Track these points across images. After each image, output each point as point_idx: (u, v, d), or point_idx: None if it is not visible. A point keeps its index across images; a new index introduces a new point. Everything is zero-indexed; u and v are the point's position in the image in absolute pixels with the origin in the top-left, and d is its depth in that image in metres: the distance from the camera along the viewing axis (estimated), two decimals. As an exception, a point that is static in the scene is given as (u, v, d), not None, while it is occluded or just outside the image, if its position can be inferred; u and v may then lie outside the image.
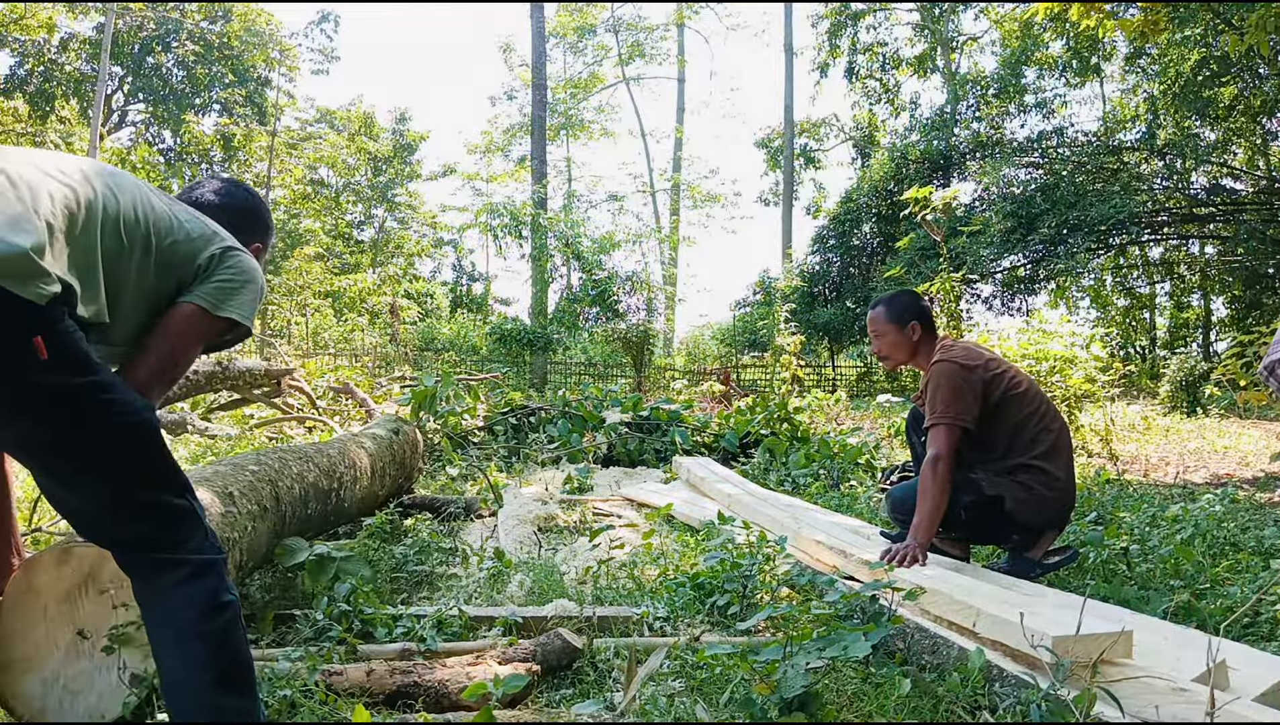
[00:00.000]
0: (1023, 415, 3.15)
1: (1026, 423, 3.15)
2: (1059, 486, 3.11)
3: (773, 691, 1.92)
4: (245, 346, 20.51)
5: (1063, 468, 3.14)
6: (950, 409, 3.06)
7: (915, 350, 3.32)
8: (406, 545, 3.57)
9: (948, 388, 3.09)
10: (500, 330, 21.18)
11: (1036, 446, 3.13)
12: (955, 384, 3.09)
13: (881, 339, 3.36)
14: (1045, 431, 3.15)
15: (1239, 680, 2.05)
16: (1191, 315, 24.43)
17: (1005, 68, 23.34)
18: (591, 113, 36.83)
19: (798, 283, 22.37)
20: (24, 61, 28.06)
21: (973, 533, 3.30)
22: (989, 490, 3.12)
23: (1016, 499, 3.09)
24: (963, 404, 3.07)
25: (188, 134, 28.85)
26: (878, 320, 3.37)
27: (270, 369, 9.58)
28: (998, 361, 3.25)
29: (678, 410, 7.52)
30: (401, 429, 4.96)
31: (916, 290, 9.23)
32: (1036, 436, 3.14)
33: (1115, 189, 17.56)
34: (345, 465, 3.76)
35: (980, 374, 3.14)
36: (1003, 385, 3.16)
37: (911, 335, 3.31)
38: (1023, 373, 3.31)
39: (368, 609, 2.65)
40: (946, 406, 3.07)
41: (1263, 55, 15.88)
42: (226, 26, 30.17)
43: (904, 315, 3.32)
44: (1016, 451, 3.14)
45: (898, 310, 3.33)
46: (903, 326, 3.31)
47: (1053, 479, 3.10)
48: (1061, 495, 3.13)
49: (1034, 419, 3.16)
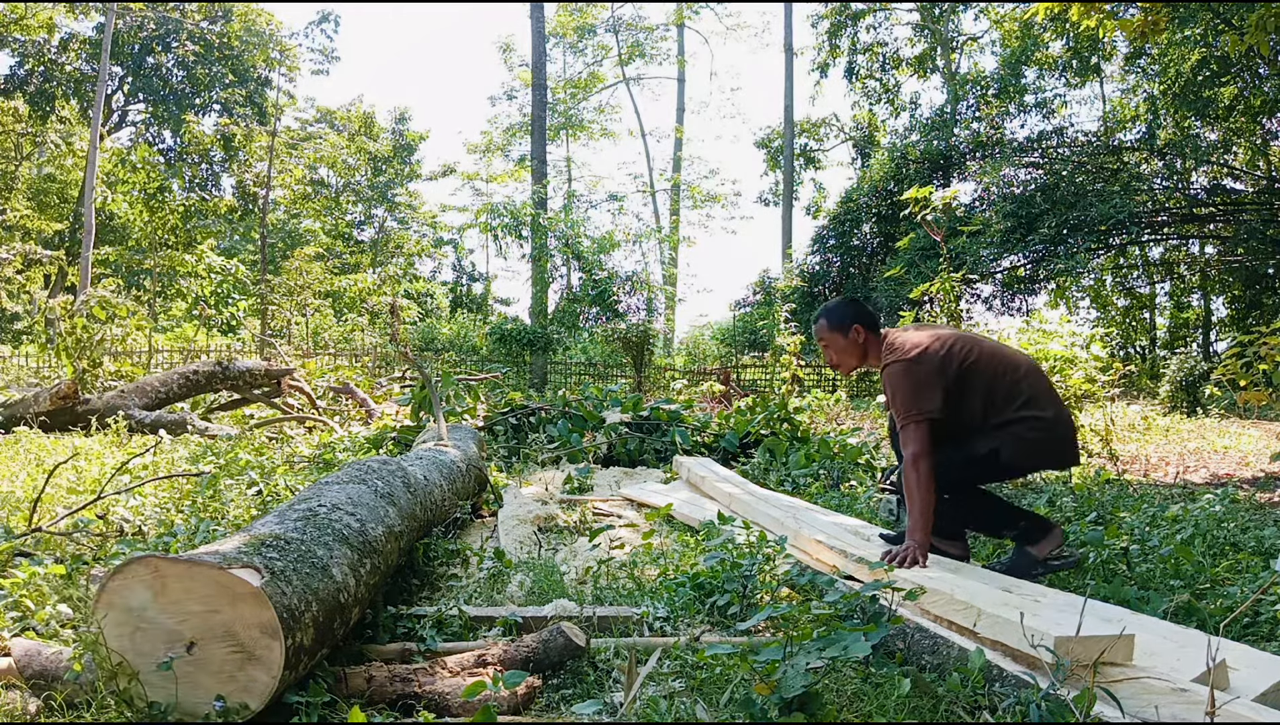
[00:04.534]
0: (986, 381, 3.15)
1: (994, 386, 3.15)
2: (1049, 424, 3.11)
3: (773, 691, 1.91)
4: (245, 346, 20.54)
5: (1049, 407, 3.14)
6: (913, 406, 3.07)
7: (864, 353, 3.35)
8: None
9: (905, 386, 3.11)
10: (500, 330, 21.17)
11: (1014, 401, 3.13)
12: (911, 381, 3.11)
13: (829, 349, 3.40)
14: (1015, 385, 3.14)
15: (1239, 680, 2.05)
16: (1191, 315, 24.43)
17: (1005, 68, 23.34)
18: (591, 113, 36.82)
19: (798, 283, 22.36)
20: (24, 61, 28.06)
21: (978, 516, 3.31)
22: (982, 448, 3.13)
23: (1012, 449, 3.10)
24: (923, 397, 3.08)
25: (188, 134, 28.84)
26: (821, 331, 3.41)
27: (270, 369, 9.59)
28: (941, 340, 3.23)
29: (678, 410, 7.52)
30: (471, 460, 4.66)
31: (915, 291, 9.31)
32: (1009, 394, 3.14)
33: (1115, 189, 17.56)
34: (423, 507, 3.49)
35: (930, 362, 3.14)
36: (955, 363, 3.15)
37: (856, 338, 3.33)
38: (971, 338, 3.31)
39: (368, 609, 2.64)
40: (909, 405, 3.08)
41: (1263, 55, 15.89)
42: (226, 26, 30.16)
43: (844, 322, 3.34)
44: (995, 412, 3.14)
45: (837, 318, 3.37)
46: (845, 332, 3.33)
47: (1042, 421, 3.10)
48: (1055, 433, 3.13)
49: (1000, 380, 3.15)
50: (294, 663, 1.94)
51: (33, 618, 2.52)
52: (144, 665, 1.91)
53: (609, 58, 36.16)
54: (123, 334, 13.66)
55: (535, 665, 2.33)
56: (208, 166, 30.90)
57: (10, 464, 5.62)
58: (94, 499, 3.76)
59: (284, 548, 2.17)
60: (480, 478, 4.73)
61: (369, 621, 2.62)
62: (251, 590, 1.90)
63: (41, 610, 2.54)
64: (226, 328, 25.46)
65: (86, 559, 3.16)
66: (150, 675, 1.90)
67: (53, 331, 16.21)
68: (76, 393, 8.18)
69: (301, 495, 2.80)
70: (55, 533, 3.46)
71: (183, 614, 1.91)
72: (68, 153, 28.75)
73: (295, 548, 2.20)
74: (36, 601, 2.63)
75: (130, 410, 8.01)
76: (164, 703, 1.89)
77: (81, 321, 11.57)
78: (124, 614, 1.93)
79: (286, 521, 2.41)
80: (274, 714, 1.97)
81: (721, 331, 28.04)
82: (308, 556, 2.20)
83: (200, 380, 9.14)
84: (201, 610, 1.90)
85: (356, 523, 2.59)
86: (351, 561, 2.38)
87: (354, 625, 2.43)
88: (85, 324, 11.56)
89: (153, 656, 1.90)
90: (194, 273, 23.95)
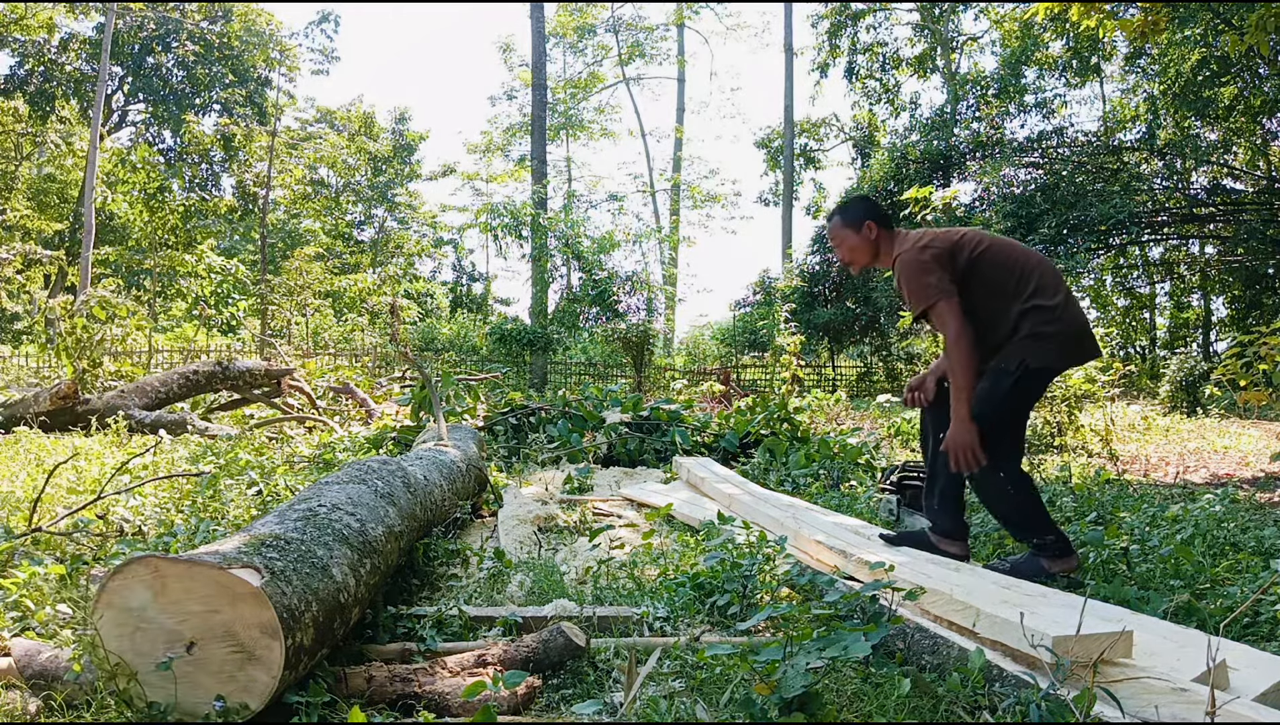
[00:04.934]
0: (1000, 270, 3.19)
1: (1007, 276, 3.18)
2: (1059, 316, 3.11)
3: (773, 691, 1.91)
4: (245, 346, 20.53)
5: (1056, 293, 3.15)
6: (933, 288, 3.12)
7: (876, 250, 3.38)
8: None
9: (917, 273, 3.16)
10: (500, 330, 21.17)
11: (1026, 288, 3.15)
12: (920, 266, 3.16)
13: (841, 246, 3.44)
14: (1028, 273, 3.17)
15: (1239, 680, 2.05)
16: (1191, 315, 24.43)
17: (1005, 68, 23.34)
18: (591, 113, 36.83)
19: (798, 283, 22.35)
20: (24, 61, 28.07)
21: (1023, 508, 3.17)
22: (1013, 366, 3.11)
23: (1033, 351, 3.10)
24: (936, 277, 3.13)
25: (188, 134, 28.84)
26: (835, 228, 3.45)
27: (270, 369, 9.59)
28: (951, 231, 3.29)
29: (678, 410, 7.52)
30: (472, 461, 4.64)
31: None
32: (1021, 280, 3.16)
33: (1115, 189, 17.56)
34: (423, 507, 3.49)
35: (938, 247, 3.19)
36: (966, 251, 3.21)
37: (869, 235, 3.36)
38: (982, 232, 3.35)
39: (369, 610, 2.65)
40: (926, 288, 3.13)
41: (1263, 55, 15.89)
42: (226, 26, 30.18)
43: (858, 218, 3.38)
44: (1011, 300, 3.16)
45: (850, 215, 3.41)
46: (857, 228, 3.37)
47: (1052, 313, 3.11)
48: (1067, 325, 3.12)
49: (1012, 269, 3.18)
50: (294, 663, 1.94)
51: (33, 618, 2.52)
52: (144, 665, 1.91)
53: (609, 58, 36.18)
54: (123, 334, 13.66)
55: (535, 665, 2.33)
56: (208, 166, 30.91)
57: (10, 464, 5.62)
58: (94, 499, 3.76)
59: (284, 548, 2.17)
60: (480, 478, 4.73)
61: (369, 621, 2.61)
62: (251, 590, 1.90)
63: (41, 610, 2.54)
64: (226, 328, 25.46)
65: (86, 559, 3.15)
66: (150, 675, 1.90)
67: (53, 331, 16.22)
68: (76, 393, 8.18)
69: (301, 495, 2.80)
70: (55, 533, 3.46)
71: (183, 614, 1.91)
72: (68, 153, 28.76)
73: (295, 548, 2.20)
74: (36, 601, 2.63)
75: (130, 410, 8.01)
76: (164, 703, 1.89)
77: (81, 321, 11.57)
78: (124, 614, 1.93)
79: (286, 521, 2.40)
80: (274, 714, 1.97)
81: (721, 331, 28.04)
82: (308, 556, 2.20)
83: (200, 380, 9.14)
84: (201, 610, 1.90)
85: (356, 523, 2.59)
86: (351, 561, 2.38)
87: (354, 625, 2.43)
88: (85, 324, 11.56)
89: (152, 656, 1.90)
90: (194, 273, 23.95)
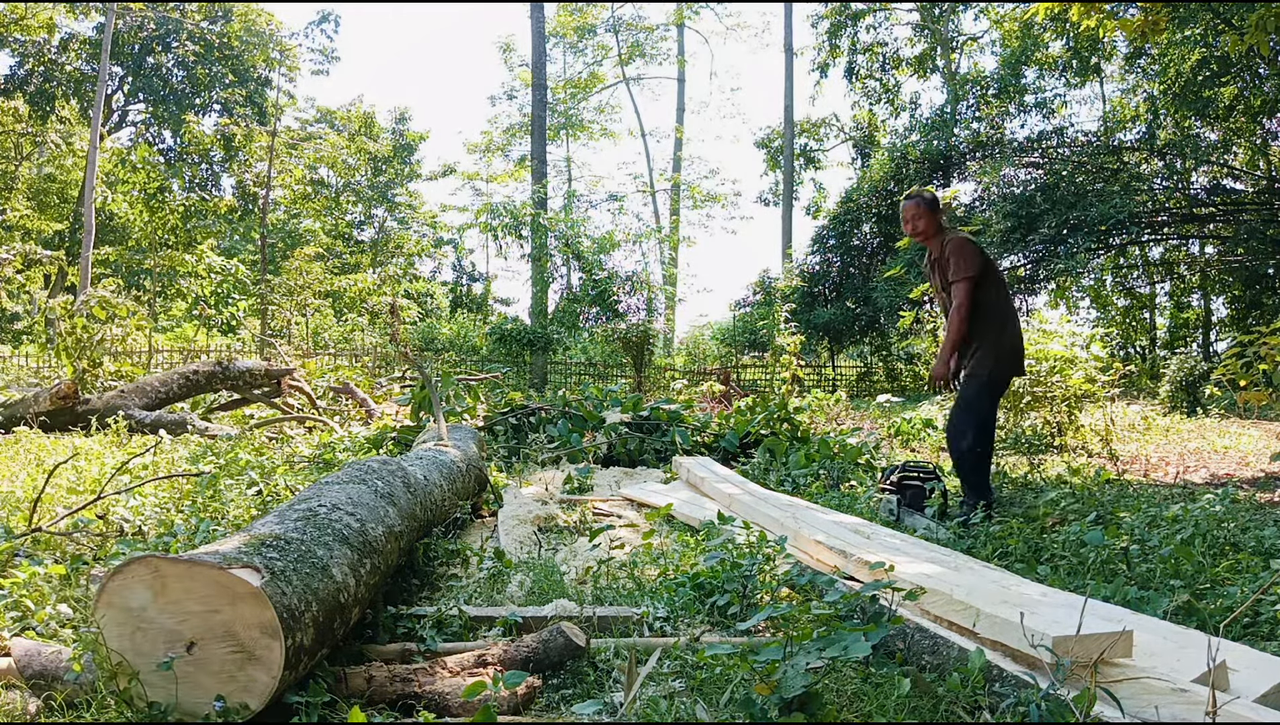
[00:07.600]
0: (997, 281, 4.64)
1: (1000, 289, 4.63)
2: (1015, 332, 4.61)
3: (773, 691, 1.91)
4: (245, 346, 20.53)
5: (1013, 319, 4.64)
6: (970, 267, 4.46)
7: (936, 230, 4.73)
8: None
9: (970, 252, 4.49)
10: (500, 330, 21.16)
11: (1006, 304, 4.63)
12: (973, 249, 4.52)
13: (917, 220, 4.72)
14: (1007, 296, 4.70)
15: (1239, 681, 2.05)
16: (1191, 315, 24.42)
17: (1005, 68, 23.32)
18: (591, 113, 36.81)
19: (798, 283, 22.34)
20: (24, 61, 28.05)
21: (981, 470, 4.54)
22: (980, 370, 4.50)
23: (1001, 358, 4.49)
24: (973, 262, 4.48)
25: (188, 134, 28.80)
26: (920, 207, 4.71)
27: (270, 369, 9.59)
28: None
29: (678, 410, 7.52)
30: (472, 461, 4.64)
31: (914, 292, 9.38)
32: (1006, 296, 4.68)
33: (1115, 189, 17.55)
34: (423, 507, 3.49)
35: (979, 244, 4.59)
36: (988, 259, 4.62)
37: (937, 219, 4.76)
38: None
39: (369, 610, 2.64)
40: (963, 266, 4.46)
41: (1263, 55, 15.88)
42: (226, 26, 30.16)
43: (935, 208, 4.77)
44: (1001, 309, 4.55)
45: (930, 202, 4.76)
46: (935, 212, 4.75)
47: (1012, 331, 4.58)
48: (1014, 339, 4.60)
49: (1003, 286, 4.69)
50: (294, 663, 1.94)
51: (33, 618, 2.52)
52: (144, 665, 1.91)
53: (609, 58, 36.15)
54: (123, 334, 13.65)
55: (535, 665, 2.33)
56: (208, 166, 30.89)
57: (10, 464, 5.62)
58: (94, 499, 3.76)
59: (284, 548, 2.17)
60: (480, 478, 4.73)
61: (369, 621, 2.61)
62: (251, 590, 1.90)
63: (41, 610, 2.54)
64: (226, 328, 25.45)
65: (86, 559, 3.15)
66: (150, 675, 1.90)
67: (53, 331, 16.21)
68: (76, 393, 8.18)
69: (301, 495, 2.80)
70: (55, 533, 3.46)
71: (183, 614, 1.91)
72: (68, 153, 28.75)
73: (295, 548, 2.20)
74: (36, 601, 2.63)
75: (130, 410, 8.01)
76: (164, 703, 1.89)
77: (81, 321, 11.57)
78: (124, 614, 1.93)
79: (286, 521, 2.40)
80: (274, 714, 1.97)
81: (721, 331, 28.01)
82: (308, 556, 2.20)
83: (200, 380, 9.14)
84: (201, 610, 1.90)
85: (356, 523, 2.59)
86: (351, 561, 2.38)
87: (354, 625, 2.43)
88: (85, 324, 11.56)
89: (153, 656, 1.90)
90: (194, 273, 23.93)
